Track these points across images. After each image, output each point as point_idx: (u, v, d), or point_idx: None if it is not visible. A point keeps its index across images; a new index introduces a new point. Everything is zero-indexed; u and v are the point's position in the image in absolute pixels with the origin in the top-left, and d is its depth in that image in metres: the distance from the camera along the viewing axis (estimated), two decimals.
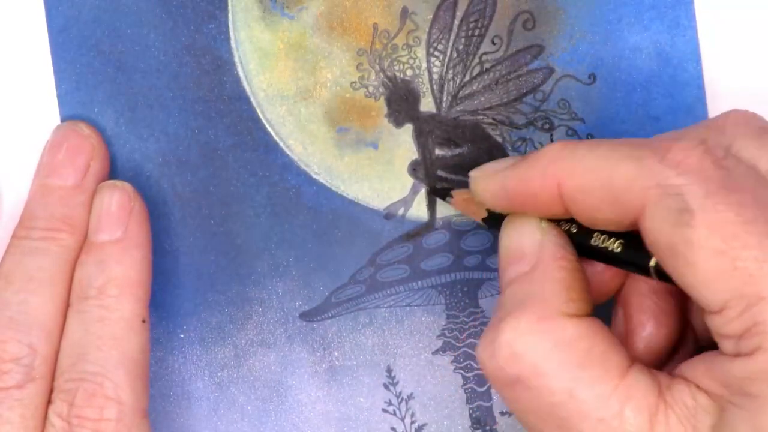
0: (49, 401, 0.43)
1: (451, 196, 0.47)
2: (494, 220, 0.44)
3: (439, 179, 0.48)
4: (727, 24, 0.48)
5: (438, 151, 0.48)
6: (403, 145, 0.48)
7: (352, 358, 0.48)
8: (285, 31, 0.48)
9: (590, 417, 0.38)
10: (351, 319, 0.48)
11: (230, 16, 0.48)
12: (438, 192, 0.48)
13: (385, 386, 0.48)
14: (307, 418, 0.48)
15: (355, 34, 0.48)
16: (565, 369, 0.38)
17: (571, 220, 0.41)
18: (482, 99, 0.48)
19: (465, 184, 0.45)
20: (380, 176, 0.48)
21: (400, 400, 0.48)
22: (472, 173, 0.44)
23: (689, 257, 0.36)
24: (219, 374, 0.48)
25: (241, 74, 0.48)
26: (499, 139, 0.48)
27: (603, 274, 0.43)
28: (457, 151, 0.48)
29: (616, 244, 0.41)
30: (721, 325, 0.36)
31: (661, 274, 0.39)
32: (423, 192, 0.48)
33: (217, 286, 0.48)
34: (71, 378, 0.43)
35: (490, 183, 0.43)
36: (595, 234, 0.41)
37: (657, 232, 0.37)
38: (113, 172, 0.48)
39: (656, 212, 0.37)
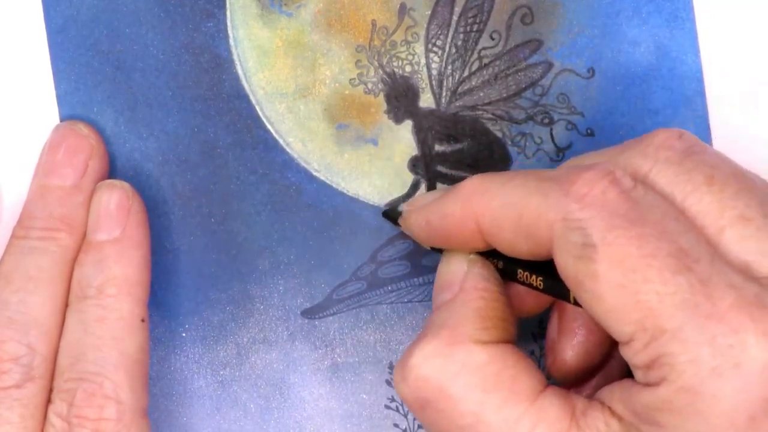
0: (48, 401, 0.43)
1: (399, 224, 0.47)
2: (439, 249, 0.45)
3: (439, 175, 0.48)
4: (725, 16, 0.48)
5: (438, 147, 0.48)
6: (403, 141, 0.48)
7: (354, 354, 0.48)
8: (283, 29, 0.48)
9: None
10: (353, 315, 0.48)
11: (228, 14, 0.48)
12: (389, 217, 0.48)
13: (388, 383, 0.48)
14: (310, 415, 0.48)
15: (354, 30, 0.48)
16: (471, 392, 0.39)
17: (499, 255, 0.42)
18: (481, 94, 0.48)
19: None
20: (380, 173, 0.48)
21: None
22: (403, 207, 0.45)
23: (594, 290, 0.36)
24: (221, 372, 0.48)
25: (240, 72, 0.48)
26: (499, 134, 0.48)
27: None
28: (457, 146, 0.48)
29: (538, 281, 0.41)
30: (630, 355, 0.36)
31: None
32: (423, 188, 0.48)
33: (219, 284, 0.48)
34: (71, 378, 0.43)
35: (416, 218, 0.44)
36: (519, 270, 0.42)
37: (564, 265, 0.37)
38: (113, 171, 0.48)
39: (562, 246, 0.37)
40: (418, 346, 0.40)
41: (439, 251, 0.44)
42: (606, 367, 0.44)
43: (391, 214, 0.48)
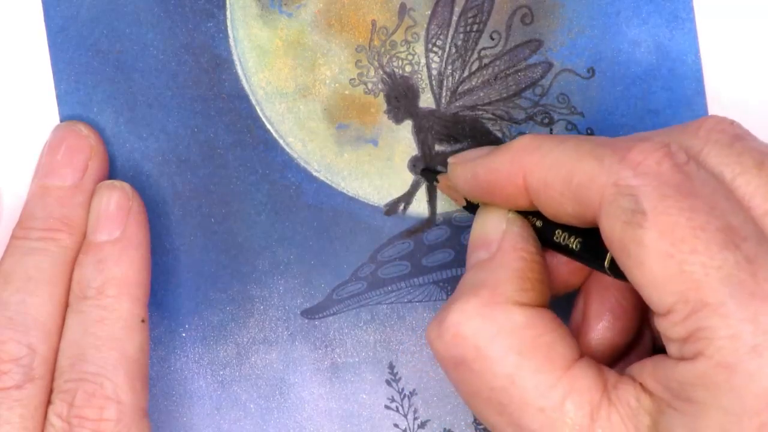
0: (48, 402, 0.43)
1: (437, 181, 0.47)
2: (473, 208, 0.44)
3: (439, 175, 0.48)
4: (725, 16, 0.48)
5: (438, 147, 0.48)
6: (403, 141, 0.48)
7: (354, 355, 0.48)
8: (283, 29, 0.48)
9: (530, 405, 0.38)
10: (353, 316, 0.48)
11: (228, 14, 0.48)
12: (426, 174, 0.48)
13: (388, 383, 0.48)
14: (310, 415, 0.48)
15: (354, 30, 0.48)
16: (507, 355, 0.39)
17: (538, 214, 0.42)
18: (481, 94, 0.48)
19: None
20: (380, 173, 0.48)
21: (402, 396, 0.48)
22: (450, 159, 0.45)
23: (639, 257, 0.36)
24: (221, 373, 0.48)
25: (239, 72, 0.48)
26: (499, 135, 0.48)
27: (569, 265, 0.44)
28: (457, 146, 0.48)
29: (576, 241, 0.41)
30: (667, 327, 0.36)
31: (617, 273, 0.39)
32: (423, 188, 0.48)
33: (219, 284, 0.48)
34: (71, 378, 0.43)
35: (463, 170, 0.44)
36: (558, 230, 0.42)
37: (611, 230, 0.37)
38: (113, 171, 0.48)
39: (611, 211, 0.37)
40: (456, 305, 0.40)
41: (473, 210, 0.44)
42: (631, 353, 0.44)
43: (430, 174, 0.48)
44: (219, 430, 0.48)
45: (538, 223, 0.42)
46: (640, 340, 0.44)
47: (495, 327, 0.39)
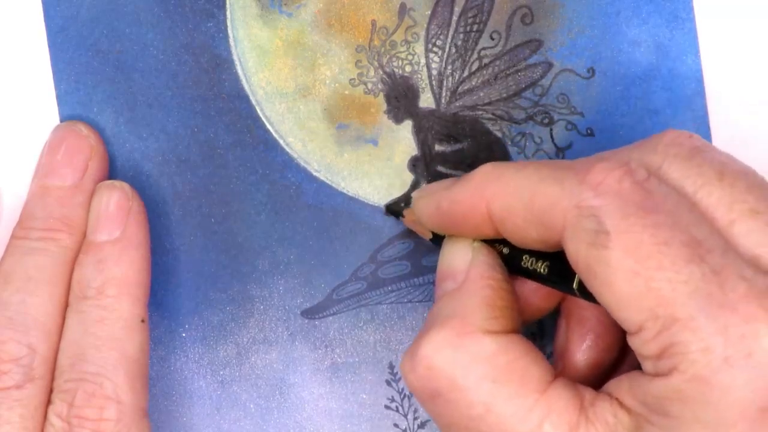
0: (48, 401, 0.43)
1: (403, 216, 0.47)
2: (439, 241, 0.45)
3: (439, 175, 0.48)
4: (725, 16, 0.48)
5: (438, 147, 0.48)
6: (403, 141, 0.48)
7: (354, 355, 0.48)
8: (283, 29, 0.48)
9: (509, 431, 0.38)
10: (353, 315, 0.48)
11: (228, 14, 0.48)
12: (392, 211, 0.48)
13: (388, 383, 0.48)
14: (310, 415, 0.48)
15: (354, 30, 0.48)
16: (482, 383, 0.39)
17: (504, 242, 0.42)
18: (481, 94, 0.48)
19: None
20: (380, 173, 0.48)
21: (402, 396, 0.48)
22: (414, 194, 0.45)
23: (606, 278, 0.36)
24: (221, 373, 0.48)
25: (239, 72, 0.48)
26: (499, 135, 0.48)
27: (540, 290, 0.44)
28: (457, 146, 0.48)
29: (543, 266, 0.41)
30: (639, 345, 0.36)
31: (586, 294, 0.39)
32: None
33: (219, 284, 0.48)
34: (71, 378, 0.43)
35: (427, 203, 0.44)
36: (525, 256, 0.42)
37: (575, 252, 0.37)
38: (113, 171, 0.48)
39: (574, 233, 0.37)
40: (426, 337, 0.40)
41: (439, 242, 0.44)
42: (622, 367, 0.44)
43: (394, 207, 0.48)
44: (219, 430, 0.48)
45: (505, 250, 0.43)
46: (628, 353, 0.44)
47: (467, 356, 0.39)
